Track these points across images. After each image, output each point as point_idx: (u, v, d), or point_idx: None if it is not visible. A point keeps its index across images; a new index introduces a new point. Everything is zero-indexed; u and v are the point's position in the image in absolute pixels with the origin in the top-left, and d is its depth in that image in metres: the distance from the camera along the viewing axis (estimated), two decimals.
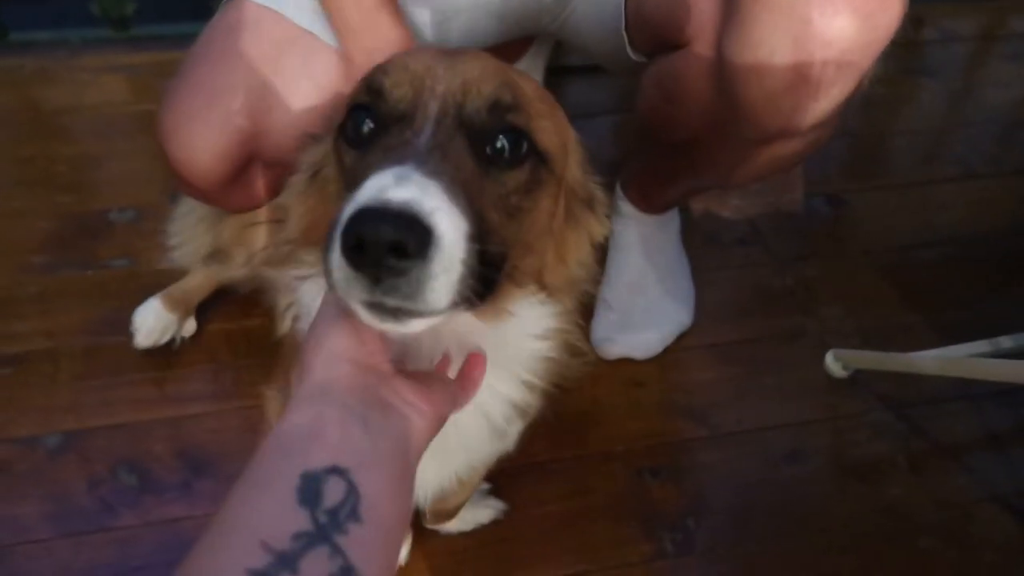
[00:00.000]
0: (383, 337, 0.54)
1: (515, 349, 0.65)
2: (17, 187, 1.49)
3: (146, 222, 1.42)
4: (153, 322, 1.19)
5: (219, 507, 0.45)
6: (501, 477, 1.11)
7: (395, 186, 0.46)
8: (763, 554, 1.06)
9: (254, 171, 1.08)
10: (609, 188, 0.69)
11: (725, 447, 1.18)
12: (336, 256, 0.46)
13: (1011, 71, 2.03)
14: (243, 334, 1.26)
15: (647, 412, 1.20)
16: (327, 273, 0.48)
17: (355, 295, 0.47)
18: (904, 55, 2.00)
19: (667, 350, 1.28)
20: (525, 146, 0.56)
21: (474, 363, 0.62)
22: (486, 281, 0.51)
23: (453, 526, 1.05)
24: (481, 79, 0.56)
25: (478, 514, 1.06)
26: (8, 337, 1.23)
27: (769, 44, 0.76)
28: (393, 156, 0.50)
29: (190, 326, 1.23)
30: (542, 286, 0.63)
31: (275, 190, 1.14)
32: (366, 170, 0.50)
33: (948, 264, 1.49)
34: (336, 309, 0.54)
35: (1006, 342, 1.11)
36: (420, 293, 0.46)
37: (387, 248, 0.44)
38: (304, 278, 0.66)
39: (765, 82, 0.78)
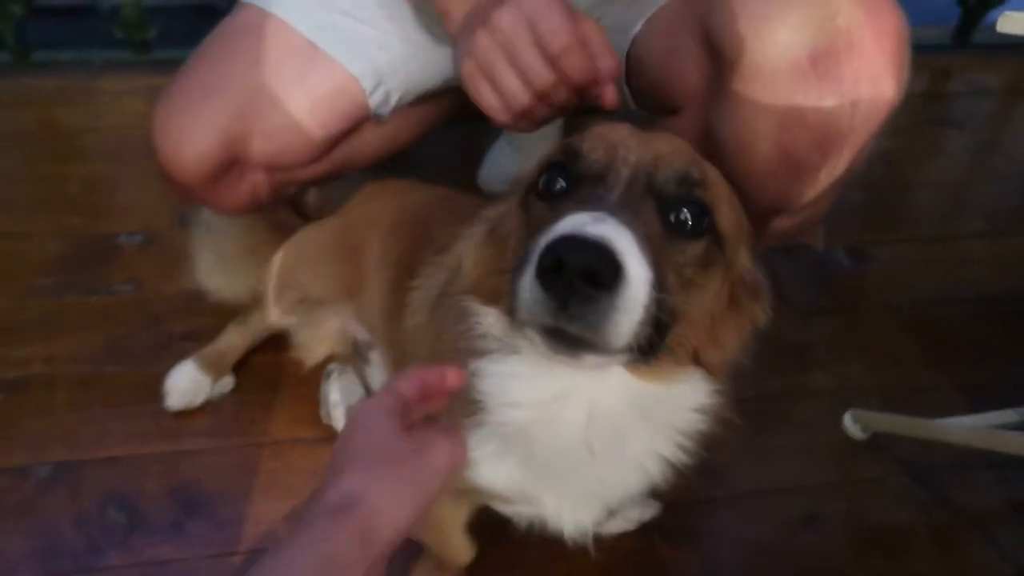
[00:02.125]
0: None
1: (674, 417, 0.68)
2: (28, 208, 1.49)
3: (154, 247, 1.41)
4: (187, 384, 1.15)
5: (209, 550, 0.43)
6: (500, 531, 1.06)
7: (592, 223, 0.50)
8: None
9: (241, 172, 1.07)
10: None
11: (739, 508, 1.13)
12: (528, 279, 0.50)
13: None
14: (247, 370, 1.23)
15: None
16: (513, 299, 0.53)
17: (538, 320, 0.51)
18: (930, 106, 1.98)
19: None
20: (706, 222, 0.59)
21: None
22: (653, 341, 0.54)
23: (615, 527, 1.07)
24: (673, 155, 0.60)
25: (633, 514, 1.08)
26: (7, 362, 1.20)
27: (752, 125, 0.74)
28: (587, 206, 0.54)
29: (226, 383, 1.19)
30: (698, 362, 0.64)
31: (266, 196, 1.12)
32: (558, 216, 0.54)
33: (973, 322, 1.44)
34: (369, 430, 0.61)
35: None
36: (604, 324, 0.50)
37: (582, 273, 0.48)
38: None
39: (749, 162, 0.76)
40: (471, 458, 0.75)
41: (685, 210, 0.58)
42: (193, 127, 1.02)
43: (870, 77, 0.68)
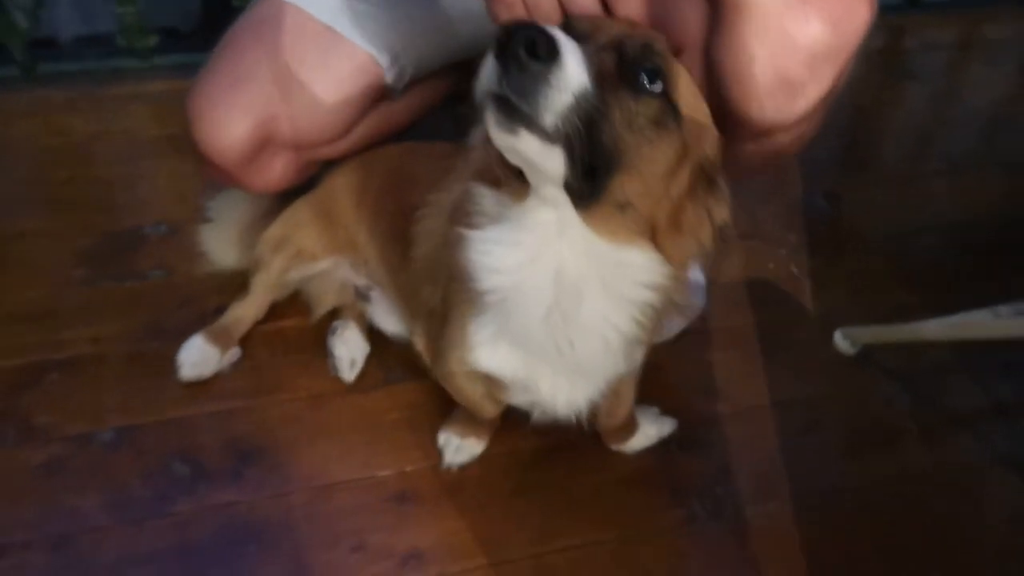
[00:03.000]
0: None
1: (628, 288, 0.76)
2: (51, 208, 1.56)
3: (179, 236, 1.49)
4: (197, 356, 1.24)
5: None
6: (535, 454, 1.17)
7: (541, 25, 0.58)
8: (788, 516, 1.12)
9: (272, 153, 1.16)
10: None
11: (745, 421, 1.24)
12: (488, 56, 0.59)
13: (988, 74, 2.14)
14: (278, 334, 1.32)
15: (669, 391, 1.26)
16: (479, 81, 0.60)
17: (487, 86, 0.59)
18: (890, 62, 2.11)
19: (684, 335, 1.34)
20: (660, 86, 0.67)
21: None
22: (592, 167, 0.63)
23: (637, 443, 1.17)
24: (647, 32, 0.69)
25: (652, 431, 1.18)
26: (55, 344, 1.28)
27: (749, 52, 0.84)
28: None
29: (233, 354, 1.27)
30: (657, 246, 0.73)
31: (295, 174, 1.22)
32: None
33: (941, 250, 1.57)
34: None
35: (1004, 310, 1.18)
36: (532, 94, 0.58)
37: (524, 42, 0.56)
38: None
39: (748, 85, 0.86)
40: (473, 342, 0.88)
41: (643, 71, 0.66)
42: (228, 114, 1.11)
43: (846, 1, 0.79)
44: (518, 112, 0.59)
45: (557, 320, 0.78)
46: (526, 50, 0.56)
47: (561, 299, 0.77)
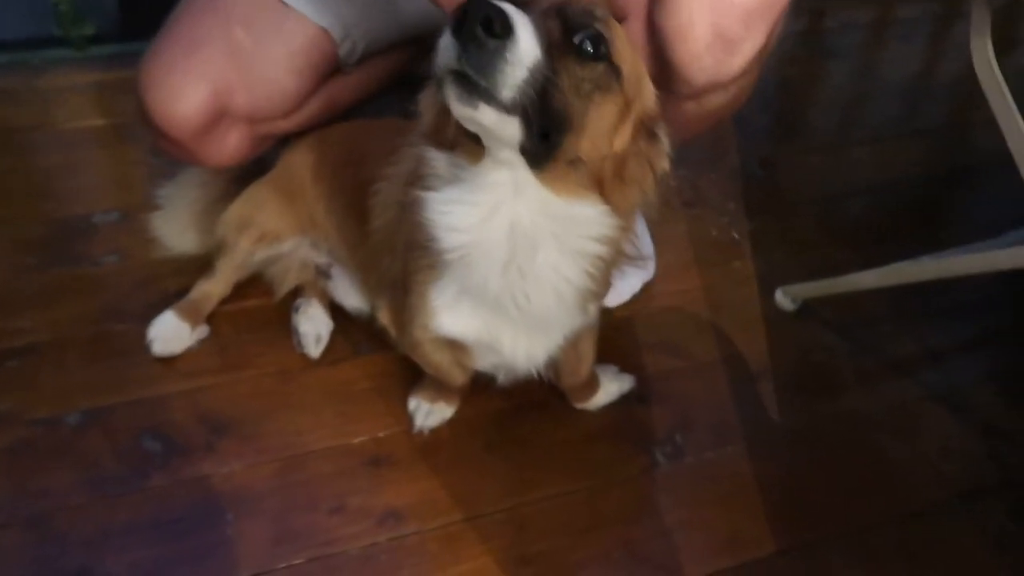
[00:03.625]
0: None
1: (579, 241, 0.81)
2: None
3: (130, 222, 1.47)
4: (169, 332, 1.24)
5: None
6: (504, 415, 1.21)
7: (497, 1, 0.62)
8: (743, 457, 1.19)
9: (227, 126, 1.17)
10: None
11: (699, 374, 1.31)
12: (445, 33, 0.62)
13: (903, 51, 2.28)
14: (242, 313, 1.33)
15: (627, 350, 1.32)
16: (436, 56, 0.64)
17: (446, 64, 0.63)
18: (812, 41, 2.23)
19: (637, 299, 1.41)
20: (603, 49, 0.70)
21: None
22: (546, 131, 0.67)
23: (600, 400, 1.22)
24: (585, 0, 0.72)
25: (613, 388, 1.24)
26: (12, 332, 1.26)
27: (689, 12, 0.91)
28: None
29: (202, 331, 1.28)
30: (605, 199, 0.77)
31: (249, 149, 1.24)
32: None
33: (868, 211, 1.69)
34: None
35: (926, 259, 1.27)
36: (490, 70, 0.61)
37: (480, 20, 0.59)
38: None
39: (689, 44, 0.93)
40: (435, 307, 0.92)
41: (587, 37, 0.69)
42: (183, 82, 1.11)
43: None
44: (477, 87, 0.62)
45: (514, 274, 0.82)
46: (483, 27, 0.60)
47: (517, 253, 0.81)
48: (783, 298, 1.42)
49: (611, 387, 1.23)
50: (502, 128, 0.66)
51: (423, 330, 0.97)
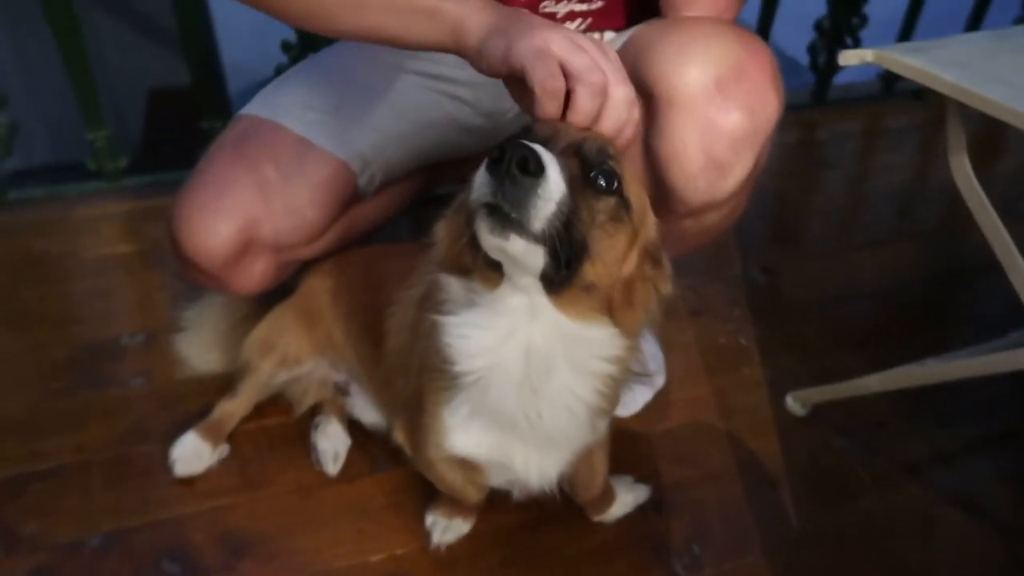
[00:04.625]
0: None
1: (590, 362, 0.84)
2: (26, 323, 1.59)
3: (156, 343, 1.53)
4: (190, 453, 1.28)
5: None
6: (520, 529, 1.22)
7: (530, 143, 0.69)
8: (763, 566, 1.19)
9: (254, 255, 1.24)
10: None
11: (714, 482, 1.32)
12: (480, 171, 0.69)
13: (894, 159, 2.39)
14: (262, 432, 1.36)
15: (642, 460, 1.33)
16: (469, 192, 0.71)
17: (482, 197, 0.69)
18: (806, 153, 2.35)
19: (649, 408, 1.43)
20: (616, 184, 0.77)
21: None
22: (567, 261, 0.72)
23: (616, 511, 1.24)
24: (599, 138, 0.80)
25: (629, 498, 1.25)
26: (38, 455, 1.29)
27: (681, 138, 0.99)
28: None
29: (223, 450, 1.31)
30: (614, 321, 0.82)
31: (274, 275, 1.30)
32: None
33: (871, 313, 1.73)
34: None
35: (931, 361, 1.30)
36: (525, 205, 0.68)
37: (517, 160, 0.66)
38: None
39: (684, 167, 1.00)
40: (447, 427, 0.95)
41: (601, 174, 0.75)
42: (215, 218, 1.19)
43: (758, 93, 0.94)
44: (509, 219, 0.69)
45: (528, 394, 0.86)
46: (518, 166, 0.67)
47: (532, 374, 0.84)
48: (793, 403, 1.44)
49: (627, 498, 1.24)
50: (529, 257, 0.72)
51: (436, 449, 1.00)
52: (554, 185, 0.69)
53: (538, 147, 0.69)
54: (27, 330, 1.57)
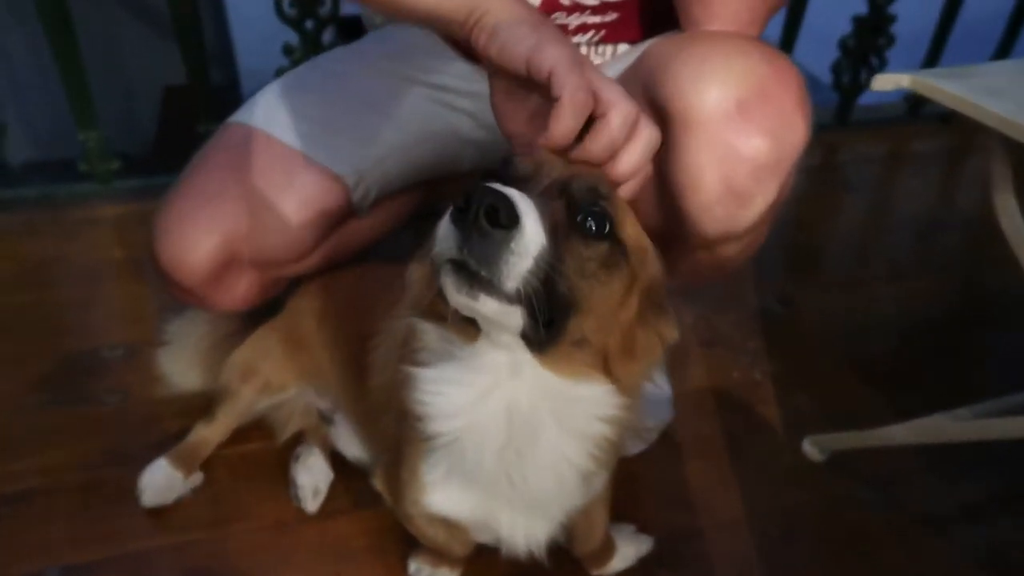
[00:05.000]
0: None
1: (582, 423, 0.75)
2: (8, 331, 1.52)
3: (137, 358, 1.45)
4: (160, 482, 1.19)
5: None
6: None
7: (502, 187, 0.59)
8: None
9: (237, 271, 1.16)
10: None
11: (723, 533, 1.22)
12: (444, 220, 0.59)
13: (917, 185, 2.29)
14: (241, 458, 1.28)
15: (644, 506, 1.24)
16: (433, 243, 0.61)
17: (446, 252, 0.60)
18: (826, 175, 2.25)
19: (655, 447, 1.34)
20: (608, 227, 0.68)
21: None
22: (551, 318, 0.63)
23: (616, 565, 1.14)
24: (589, 173, 0.70)
25: (630, 551, 1.16)
26: (5, 477, 1.22)
27: (698, 163, 0.89)
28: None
29: (196, 479, 1.23)
30: (610, 375, 0.72)
31: (260, 292, 1.22)
32: None
33: (892, 351, 1.63)
34: None
35: (962, 412, 1.21)
36: (496, 261, 0.58)
37: (485, 209, 0.57)
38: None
39: (700, 195, 0.91)
40: (425, 484, 0.86)
41: (591, 216, 0.67)
42: (195, 232, 1.11)
43: (783, 117, 0.85)
44: (477, 277, 0.60)
45: (511, 457, 0.77)
46: (487, 217, 0.57)
47: (514, 437, 0.75)
48: (811, 448, 1.34)
49: (628, 551, 1.15)
50: (503, 318, 0.63)
51: (414, 505, 0.91)
52: (531, 237, 0.59)
53: (511, 192, 0.60)
54: (5, 338, 1.50)
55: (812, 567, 1.18)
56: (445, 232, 0.60)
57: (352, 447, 1.22)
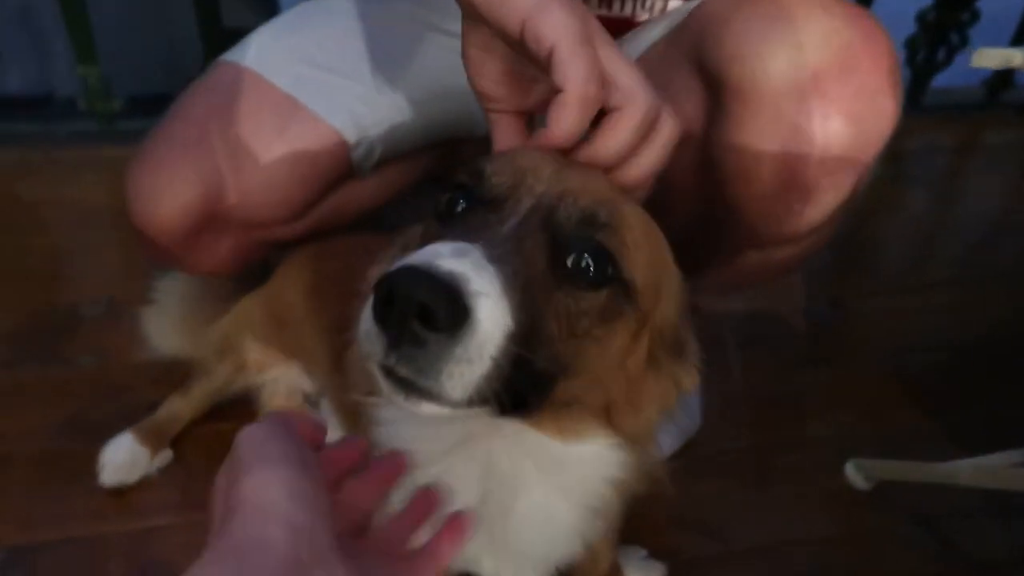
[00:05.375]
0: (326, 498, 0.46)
1: (578, 484, 0.62)
2: None
3: (118, 316, 1.34)
4: (123, 458, 1.07)
5: None
6: None
7: (449, 256, 0.43)
8: None
9: (218, 231, 1.04)
10: None
11: (745, 565, 1.08)
12: (367, 308, 0.44)
13: (989, 181, 2.08)
14: (216, 437, 1.16)
15: (658, 529, 1.10)
16: (356, 327, 0.46)
17: (374, 356, 0.45)
18: (890, 165, 2.05)
19: (674, 458, 1.19)
20: (610, 270, 0.52)
21: (453, 529, 0.55)
22: (523, 393, 0.48)
23: None
24: (583, 190, 0.53)
25: None
26: None
27: (755, 148, 0.72)
28: (467, 234, 0.48)
29: (164, 456, 1.11)
30: (612, 427, 0.59)
31: (244, 255, 1.09)
32: (438, 238, 0.48)
33: (952, 369, 1.44)
34: (286, 440, 0.46)
35: None
36: (434, 372, 0.43)
37: (415, 310, 0.41)
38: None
39: (753, 187, 0.74)
40: None
41: (585, 255, 0.52)
42: (171, 182, 0.99)
43: (870, 94, 0.68)
44: (415, 387, 0.45)
45: (492, 512, 0.64)
46: (420, 319, 0.42)
47: (494, 493, 0.63)
48: (855, 474, 1.19)
49: None
50: (459, 416, 0.48)
51: None
52: (486, 336, 0.43)
53: (460, 275, 0.43)
54: None
55: None
56: (367, 329, 0.45)
57: (336, 433, 1.09)
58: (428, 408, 0.47)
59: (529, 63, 0.61)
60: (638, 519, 1.03)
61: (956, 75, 2.16)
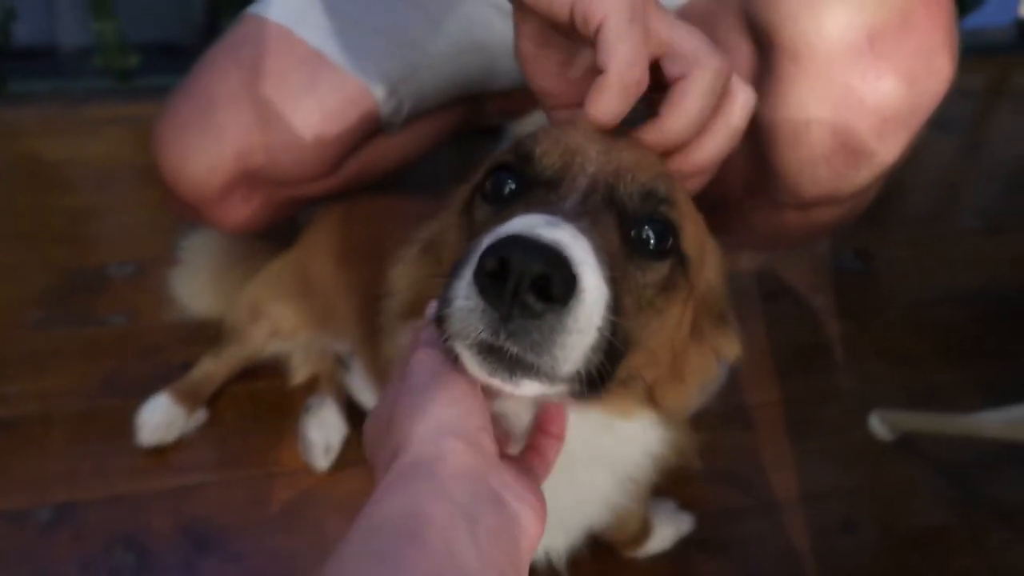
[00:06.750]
0: (488, 410, 0.48)
1: (617, 459, 0.63)
2: (12, 240, 1.43)
3: (146, 277, 1.35)
4: (160, 418, 1.09)
5: None
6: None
7: (545, 226, 0.42)
8: None
9: (248, 188, 1.04)
10: None
11: (771, 517, 1.09)
12: (465, 284, 0.42)
13: (1019, 125, 2.03)
14: (249, 396, 1.18)
15: (686, 481, 1.11)
16: (442, 306, 0.44)
17: (472, 333, 0.43)
18: None
19: (702, 412, 1.20)
20: (671, 241, 0.52)
21: (551, 421, 0.55)
22: (604, 371, 0.47)
23: (652, 547, 1.02)
24: (638, 167, 0.53)
25: (668, 531, 1.04)
26: None
27: (806, 109, 0.71)
28: (539, 208, 0.47)
29: (200, 416, 1.13)
30: (654, 404, 0.59)
31: (274, 212, 1.09)
32: (505, 219, 0.46)
33: (978, 319, 1.43)
34: (434, 370, 0.48)
35: None
36: (551, 346, 0.42)
37: (531, 281, 0.40)
38: None
39: (802, 149, 0.73)
40: None
41: (648, 228, 0.52)
42: (201, 139, 0.98)
43: (926, 54, 0.66)
44: (520, 362, 0.44)
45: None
46: (535, 291, 0.41)
47: None
48: (879, 425, 1.19)
49: (666, 531, 1.03)
50: (548, 393, 0.48)
51: None
52: (594, 305, 0.43)
53: (563, 242, 0.42)
54: (10, 249, 1.40)
55: (870, 565, 1.05)
56: (467, 304, 0.43)
57: (367, 394, 1.11)
58: (528, 387, 0.46)
59: (583, 49, 0.59)
60: (668, 471, 1.06)
61: (989, 14, 2.09)
